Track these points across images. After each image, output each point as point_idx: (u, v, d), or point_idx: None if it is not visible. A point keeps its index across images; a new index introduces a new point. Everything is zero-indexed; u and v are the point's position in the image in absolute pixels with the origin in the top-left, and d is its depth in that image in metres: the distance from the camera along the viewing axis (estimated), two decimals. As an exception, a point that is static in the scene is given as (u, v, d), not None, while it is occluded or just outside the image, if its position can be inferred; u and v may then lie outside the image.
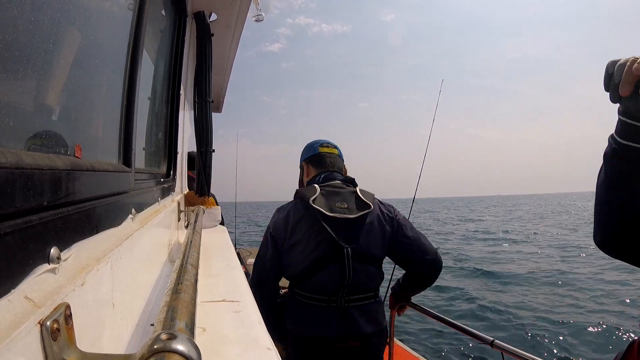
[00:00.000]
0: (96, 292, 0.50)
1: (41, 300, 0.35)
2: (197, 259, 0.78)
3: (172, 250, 1.43)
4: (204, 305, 0.88)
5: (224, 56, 3.22)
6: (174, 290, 0.50)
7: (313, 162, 1.93)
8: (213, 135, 2.62)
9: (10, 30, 0.36)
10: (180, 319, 0.40)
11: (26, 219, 0.33)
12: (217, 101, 4.54)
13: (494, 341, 1.67)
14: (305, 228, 1.64)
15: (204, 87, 2.45)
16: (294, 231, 1.65)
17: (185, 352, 0.30)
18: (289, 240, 1.66)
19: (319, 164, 1.91)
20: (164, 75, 1.79)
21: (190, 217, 1.88)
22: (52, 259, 0.38)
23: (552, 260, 10.92)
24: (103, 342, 0.53)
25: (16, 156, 0.32)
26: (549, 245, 14.01)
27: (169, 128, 1.85)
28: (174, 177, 1.88)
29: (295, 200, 1.75)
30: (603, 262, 9.66)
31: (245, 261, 5.71)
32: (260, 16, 3.01)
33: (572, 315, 6.09)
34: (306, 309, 1.62)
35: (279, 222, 1.71)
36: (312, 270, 1.59)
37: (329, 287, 1.59)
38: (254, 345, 0.68)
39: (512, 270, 9.60)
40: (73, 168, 0.46)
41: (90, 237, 0.51)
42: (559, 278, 8.51)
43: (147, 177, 1.23)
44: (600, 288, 7.66)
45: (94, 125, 0.74)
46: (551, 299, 7.07)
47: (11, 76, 0.38)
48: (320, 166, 1.90)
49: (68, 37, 0.54)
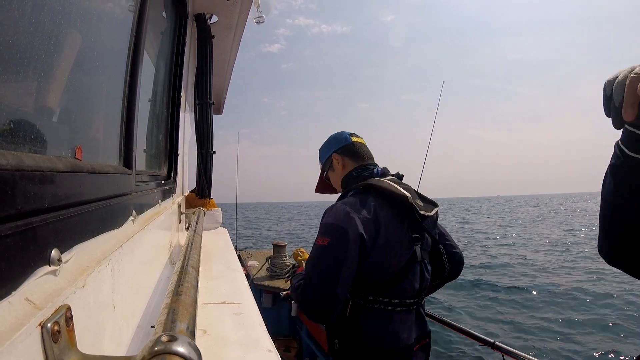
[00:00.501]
0: (97, 294, 0.50)
1: (42, 302, 0.35)
2: (198, 261, 0.78)
3: (172, 252, 1.43)
4: (204, 307, 0.88)
5: (225, 58, 3.23)
6: (175, 292, 0.50)
7: (348, 153, 1.66)
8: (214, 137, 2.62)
9: (11, 32, 0.36)
10: (181, 320, 0.40)
11: (27, 221, 0.33)
12: (218, 103, 4.55)
13: (495, 343, 1.67)
14: (398, 227, 1.41)
15: (204, 89, 2.46)
16: (387, 231, 1.38)
17: (186, 354, 0.30)
18: (379, 242, 1.37)
19: (357, 155, 1.65)
20: (165, 77, 1.79)
21: (191, 219, 1.88)
22: (53, 260, 0.38)
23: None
24: (104, 344, 0.53)
25: (17, 158, 0.32)
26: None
27: (170, 130, 1.86)
28: (175, 178, 1.88)
29: (368, 196, 1.43)
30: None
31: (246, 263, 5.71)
32: (261, 18, 3.01)
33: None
34: (396, 317, 1.40)
35: (368, 222, 1.36)
36: (404, 273, 1.40)
37: (415, 289, 1.44)
38: (254, 347, 0.67)
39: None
40: (74, 170, 0.46)
41: (91, 239, 0.51)
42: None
43: (147, 179, 1.23)
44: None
45: (94, 127, 0.74)
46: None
47: (12, 78, 0.38)
48: (358, 157, 1.65)
49: (69, 38, 0.54)
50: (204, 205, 2.44)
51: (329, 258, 1.29)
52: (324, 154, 1.74)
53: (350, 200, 1.41)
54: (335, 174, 1.68)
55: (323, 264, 1.30)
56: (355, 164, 1.63)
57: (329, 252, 1.30)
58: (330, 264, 1.29)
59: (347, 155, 1.65)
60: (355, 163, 1.63)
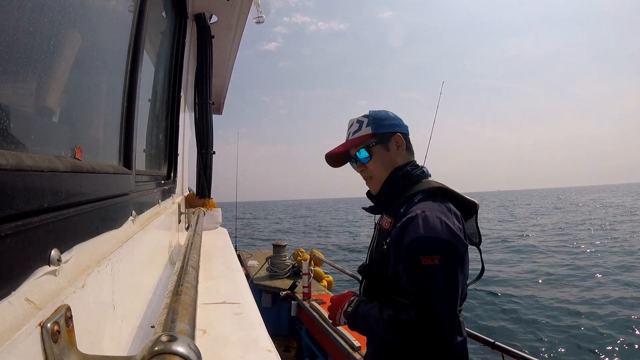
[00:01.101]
0: (97, 294, 0.50)
1: (42, 302, 0.35)
2: (198, 261, 0.78)
3: (172, 252, 1.43)
4: (204, 307, 0.88)
5: (225, 58, 3.23)
6: (175, 292, 0.50)
7: (409, 142, 1.40)
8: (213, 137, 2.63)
9: (12, 32, 0.36)
10: (181, 320, 0.40)
11: (27, 221, 0.33)
12: (218, 103, 4.55)
13: (495, 343, 1.67)
14: (468, 237, 1.27)
15: (204, 89, 2.46)
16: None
17: (186, 354, 0.30)
18: (467, 253, 1.21)
19: (412, 150, 1.41)
20: (165, 77, 1.79)
21: (190, 219, 1.88)
22: (53, 260, 0.38)
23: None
24: (104, 344, 0.53)
25: (17, 158, 0.32)
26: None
27: (170, 130, 1.86)
28: (175, 178, 1.88)
29: (445, 202, 1.24)
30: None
31: (246, 263, 5.71)
32: (261, 18, 3.01)
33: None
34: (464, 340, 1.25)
35: (460, 231, 1.17)
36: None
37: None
38: (254, 347, 0.67)
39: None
40: (74, 170, 0.46)
41: (90, 239, 0.51)
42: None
43: (147, 179, 1.23)
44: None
45: (94, 127, 0.74)
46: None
47: (12, 78, 0.38)
48: (411, 152, 1.41)
49: (69, 39, 0.55)
50: (204, 205, 2.44)
51: (445, 278, 1.08)
52: (384, 124, 1.36)
53: (436, 207, 1.18)
54: (387, 155, 1.34)
55: (442, 285, 1.07)
56: (409, 157, 1.37)
57: (443, 272, 1.08)
58: (450, 284, 1.08)
59: (408, 143, 1.38)
60: (409, 156, 1.38)
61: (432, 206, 1.18)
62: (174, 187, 1.88)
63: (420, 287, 1.08)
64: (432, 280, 1.07)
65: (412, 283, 1.09)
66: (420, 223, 1.12)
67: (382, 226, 1.28)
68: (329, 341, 3.17)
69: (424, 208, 1.17)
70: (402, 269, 1.13)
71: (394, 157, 1.34)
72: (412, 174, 1.31)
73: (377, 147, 1.34)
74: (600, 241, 13.81)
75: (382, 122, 1.35)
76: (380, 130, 1.34)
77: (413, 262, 1.09)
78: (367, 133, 1.34)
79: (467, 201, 1.29)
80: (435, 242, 1.09)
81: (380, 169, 1.34)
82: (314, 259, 4.64)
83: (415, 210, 1.16)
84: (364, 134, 1.35)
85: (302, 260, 4.68)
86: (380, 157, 1.34)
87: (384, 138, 1.34)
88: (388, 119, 1.37)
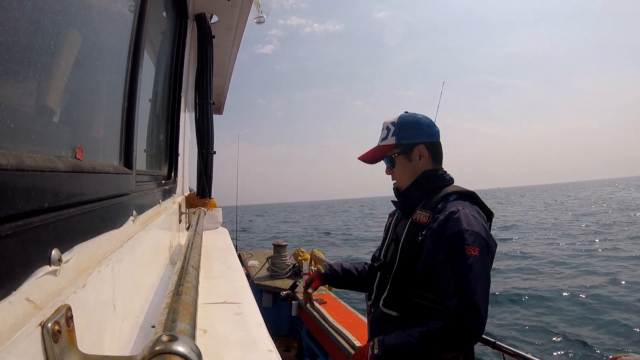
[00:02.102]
0: (97, 294, 0.50)
1: (42, 302, 0.35)
2: (198, 261, 0.78)
3: (173, 252, 1.43)
4: (205, 307, 0.88)
5: (225, 58, 3.23)
6: (175, 292, 0.50)
7: (434, 151, 1.41)
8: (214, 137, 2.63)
9: (12, 32, 0.36)
10: (182, 320, 0.40)
11: (27, 221, 0.33)
12: (218, 103, 4.55)
13: (496, 343, 1.67)
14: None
15: (205, 89, 2.46)
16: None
17: (186, 354, 0.30)
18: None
19: (439, 157, 1.43)
20: (165, 77, 1.79)
21: (191, 219, 1.88)
22: (53, 260, 0.38)
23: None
24: (104, 344, 0.53)
25: (17, 158, 0.32)
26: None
27: (170, 130, 1.86)
28: (175, 178, 1.88)
29: (471, 203, 1.31)
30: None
31: (246, 263, 5.72)
32: (262, 18, 3.01)
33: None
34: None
35: (487, 228, 1.26)
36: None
37: None
38: (255, 347, 0.67)
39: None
40: (74, 170, 0.46)
41: (91, 239, 0.51)
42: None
43: (148, 179, 1.23)
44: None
45: (95, 127, 0.74)
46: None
47: (13, 78, 0.38)
48: (438, 161, 1.42)
49: (69, 39, 0.55)
50: (205, 205, 2.44)
51: (483, 268, 1.16)
52: (408, 135, 1.39)
53: (472, 208, 1.27)
54: (410, 165, 1.39)
55: (481, 275, 1.14)
56: (433, 165, 1.41)
57: (482, 262, 1.15)
58: (486, 275, 1.17)
59: (432, 152, 1.40)
60: (433, 165, 1.41)
61: (468, 206, 1.27)
62: (175, 187, 1.88)
63: (463, 275, 1.13)
64: (473, 270, 1.14)
65: (455, 271, 1.15)
66: (462, 218, 1.20)
67: (419, 220, 1.32)
68: (330, 341, 3.17)
69: (463, 206, 1.25)
70: (442, 259, 1.18)
71: (417, 167, 1.39)
72: (444, 177, 1.39)
73: (399, 157, 1.40)
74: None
75: (407, 132, 1.39)
76: (404, 141, 1.39)
77: (457, 252, 1.16)
78: (391, 143, 1.40)
79: (487, 209, 1.35)
80: (476, 236, 1.17)
81: (402, 177, 1.42)
82: (315, 259, 4.64)
83: (456, 207, 1.24)
84: (388, 143, 1.41)
85: (303, 260, 4.68)
86: (402, 167, 1.41)
87: (407, 148, 1.39)
88: (414, 128, 1.40)
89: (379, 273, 1.41)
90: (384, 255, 1.42)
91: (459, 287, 1.12)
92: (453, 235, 1.17)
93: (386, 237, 1.49)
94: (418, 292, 1.25)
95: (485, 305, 1.12)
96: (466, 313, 1.09)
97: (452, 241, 1.17)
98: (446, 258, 1.17)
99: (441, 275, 1.18)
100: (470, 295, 1.11)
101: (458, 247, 1.16)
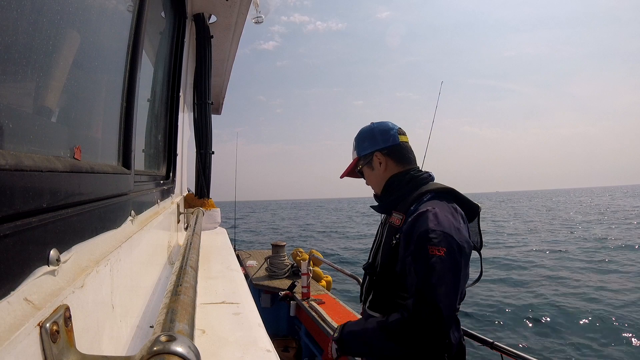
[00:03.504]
0: (96, 294, 0.50)
1: (41, 302, 0.35)
2: (197, 261, 0.78)
3: (171, 252, 1.43)
4: (203, 307, 0.88)
5: (224, 58, 3.23)
6: (174, 292, 0.50)
7: (394, 155, 1.42)
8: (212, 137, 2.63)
9: (11, 32, 0.36)
10: (180, 320, 0.40)
11: (26, 221, 0.33)
12: (217, 103, 4.55)
13: (494, 343, 1.67)
14: (469, 237, 1.31)
15: (203, 89, 2.46)
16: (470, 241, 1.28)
17: (185, 354, 0.30)
18: (470, 252, 1.27)
19: (403, 159, 1.43)
20: (164, 77, 1.79)
21: (189, 219, 1.88)
22: (52, 260, 0.38)
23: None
24: (102, 344, 0.53)
25: (16, 158, 0.32)
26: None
27: (169, 130, 1.86)
28: (174, 178, 1.88)
29: (452, 202, 1.30)
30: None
31: (245, 263, 5.71)
32: (260, 18, 3.01)
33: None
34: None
35: (464, 230, 1.23)
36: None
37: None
38: (253, 347, 0.68)
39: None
40: (72, 170, 0.46)
41: (89, 239, 0.51)
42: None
43: (146, 179, 1.23)
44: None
45: (93, 127, 0.74)
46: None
47: (11, 78, 0.38)
48: (404, 162, 1.43)
49: (68, 39, 0.55)
50: (203, 205, 2.44)
51: (449, 269, 1.13)
52: (364, 146, 1.45)
53: (445, 206, 1.25)
54: (373, 173, 1.44)
55: (446, 276, 1.12)
56: (399, 168, 1.42)
57: (448, 263, 1.13)
58: (452, 276, 1.13)
59: (392, 157, 1.42)
60: (399, 167, 1.42)
61: (441, 204, 1.26)
62: (173, 187, 1.88)
63: (424, 275, 1.13)
64: (436, 270, 1.12)
65: (417, 271, 1.14)
66: (431, 217, 1.19)
67: (393, 223, 1.32)
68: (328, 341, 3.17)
69: (434, 205, 1.24)
70: (410, 261, 1.18)
71: (381, 174, 1.43)
72: (417, 177, 1.39)
73: (364, 168, 1.48)
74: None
75: (363, 144, 1.47)
76: (362, 153, 1.47)
77: (421, 252, 1.15)
78: (355, 158, 1.50)
79: (471, 204, 1.36)
80: (443, 236, 1.16)
81: (373, 185, 1.49)
82: (313, 259, 4.64)
83: (426, 207, 1.24)
84: (353, 158, 1.51)
85: (301, 260, 4.68)
86: (369, 176, 1.48)
87: (366, 158, 1.46)
88: (365, 140, 1.47)
89: (366, 275, 1.44)
90: (371, 258, 1.44)
91: (420, 286, 1.12)
92: (419, 235, 1.17)
93: (375, 241, 1.51)
94: (400, 293, 1.26)
95: (447, 305, 1.09)
96: (423, 310, 1.09)
97: (418, 242, 1.17)
98: (412, 258, 1.17)
99: (408, 275, 1.18)
100: (429, 294, 1.10)
101: (423, 246, 1.15)
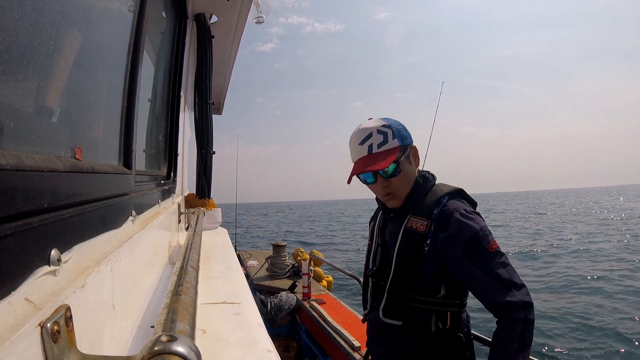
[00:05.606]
0: (97, 294, 0.50)
1: (42, 302, 0.35)
2: (198, 261, 0.78)
3: (172, 252, 1.43)
4: (204, 307, 0.88)
5: (225, 58, 3.23)
6: (175, 292, 0.50)
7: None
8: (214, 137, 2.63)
9: (12, 32, 0.36)
10: (181, 320, 0.40)
11: (26, 221, 0.33)
12: (218, 103, 4.55)
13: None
14: None
15: (204, 89, 2.46)
16: None
17: (186, 354, 0.30)
18: None
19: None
20: (165, 77, 1.79)
21: (190, 219, 1.88)
22: (53, 260, 0.38)
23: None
24: (103, 344, 0.53)
25: (17, 158, 0.32)
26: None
27: (170, 130, 1.86)
28: (175, 178, 1.88)
29: (461, 201, 1.29)
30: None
31: (246, 263, 5.72)
32: (261, 18, 3.02)
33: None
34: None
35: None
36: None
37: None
38: (254, 348, 0.67)
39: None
40: (73, 170, 0.46)
41: (90, 239, 0.51)
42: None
43: (147, 179, 1.23)
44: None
45: (94, 127, 0.74)
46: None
47: (12, 78, 0.38)
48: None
49: (69, 39, 0.55)
50: (204, 205, 2.44)
51: (504, 253, 1.20)
52: (405, 135, 1.28)
53: (467, 206, 1.26)
54: (410, 168, 1.29)
55: (507, 259, 1.19)
56: (416, 166, 1.36)
57: (499, 250, 1.20)
58: (506, 256, 1.20)
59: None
60: (416, 165, 1.36)
61: (465, 205, 1.26)
62: (174, 187, 1.88)
63: (499, 268, 1.16)
64: (503, 259, 1.18)
65: (490, 270, 1.16)
66: (470, 220, 1.21)
67: (417, 229, 1.24)
68: (329, 341, 3.17)
69: (463, 207, 1.24)
70: (469, 267, 1.17)
71: (414, 171, 1.31)
72: (428, 176, 1.36)
73: (403, 160, 1.26)
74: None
75: (402, 132, 1.28)
76: (404, 143, 1.27)
77: (483, 252, 1.17)
78: (396, 146, 1.25)
79: (472, 201, 1.35)
80: (487, 231, 1.20)
81: (404, 185, 1.29)
82: (314, 259, 4.64)
83: (459, 210, 1.22)
84: (393, 146, 1.24)
85: (302, 260, 4.69)
86: (405, 172, 1.27)
87: (406, 150, 1.27)
88: (405, 129, 1.30)
89: (372, 280, 1.36)
90: (376, 264, 1.36)
91: (505, 280, 1.14)
92: (472, 238, 1.17)
93: (372, 244, 1.42)
94: (415, 296, 1.23)
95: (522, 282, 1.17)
96: (523, 292, 1.14)
97: (474, 244, 1.17)
98: (474, 262, 1.17)
99: (474, 281, 1.18)
100: (516, 279, 1.16)
101: (482, 247, 1.17)
